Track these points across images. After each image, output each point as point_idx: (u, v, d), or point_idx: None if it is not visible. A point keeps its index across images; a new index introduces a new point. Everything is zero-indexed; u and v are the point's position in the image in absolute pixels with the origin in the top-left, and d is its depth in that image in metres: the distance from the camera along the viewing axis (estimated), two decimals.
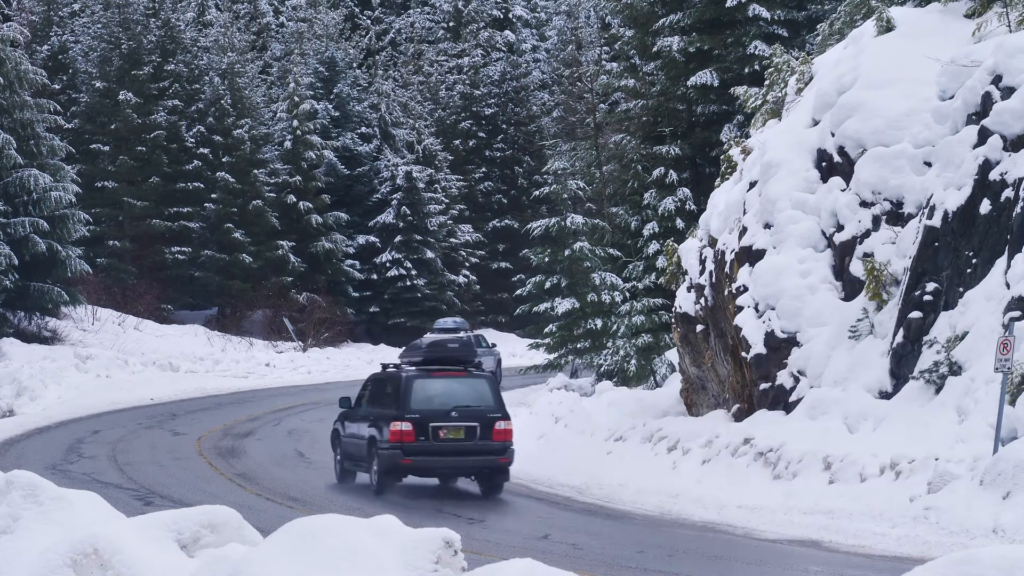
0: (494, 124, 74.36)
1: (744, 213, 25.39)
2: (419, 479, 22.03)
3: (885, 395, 20.84)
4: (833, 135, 24.15)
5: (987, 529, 16.15)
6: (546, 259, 37.60)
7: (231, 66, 62.34)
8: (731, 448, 22.08)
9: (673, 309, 28.45)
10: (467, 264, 67.69)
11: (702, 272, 26.84)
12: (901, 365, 20.81)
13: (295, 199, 61.47)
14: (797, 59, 28.67)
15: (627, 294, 36.05)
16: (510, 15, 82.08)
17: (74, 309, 49.28)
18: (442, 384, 21.37)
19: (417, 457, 20.81)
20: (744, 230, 25.08)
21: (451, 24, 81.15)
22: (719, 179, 28.82)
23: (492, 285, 69.56)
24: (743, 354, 24.03)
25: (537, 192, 43.30)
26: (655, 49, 39.00)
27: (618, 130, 42.15)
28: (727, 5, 37.25)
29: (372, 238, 64.29)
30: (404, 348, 24.28)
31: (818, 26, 32.78)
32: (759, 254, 24.39)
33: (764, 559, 16.07)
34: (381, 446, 20.96)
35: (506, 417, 21.20)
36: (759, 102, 29.32)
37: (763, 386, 23.48)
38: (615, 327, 34.41)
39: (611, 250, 37.62)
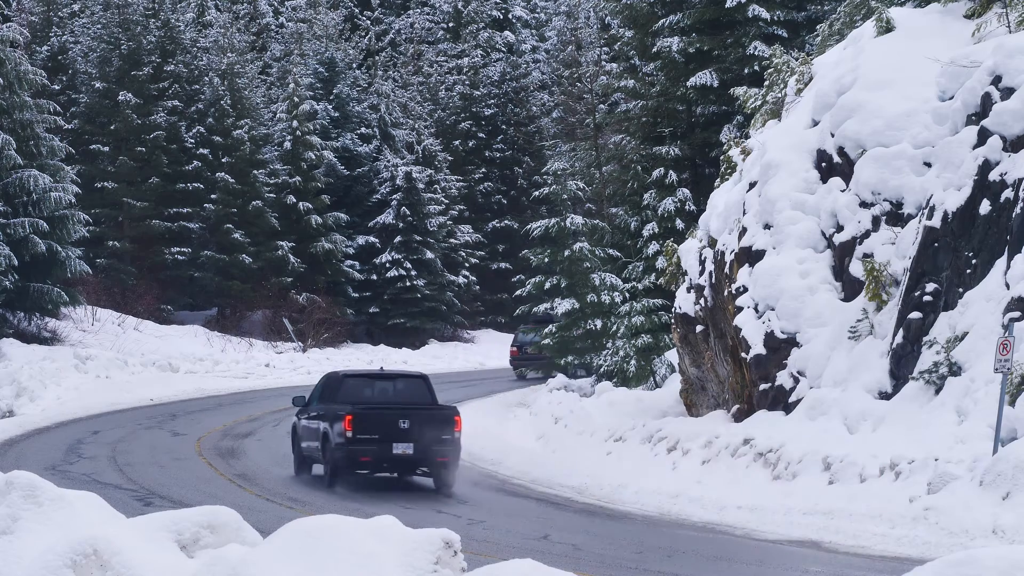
0: (494, 125, 74.31)
1: (744, 214, 25.38)
2: None
3: (885, 396, 20.84)
4: (833, 136, 24.14)
5: (987, 530, 16.14)
6: (546, 260, 37.57)
7: (231, 67, 62.24)
8: (731, 449, 22.07)
9: (673, 309, 28.43)
10: (467, 264, 67.63)
11: (702, 273, 26.84)
12: (901, 366, 20.80)
13: (295, 199, 61.36)
14: (797, 60, 28.66)
15: (627, 294, 36.01)
16: (510, 16, 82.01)
17: (74, 310, 49.21)
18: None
19: None
20: (744, 231, 25.07)
21: (451, 25, 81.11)
22: (719, 180, 28.80)
23: (492, 285, 69.52)
24: (743, 355, 24.03)
25: (537, 192, 43.25)
26: (655, 50, 38.98)
27: (618, 131, 42.12)
28: (727, 6, 37.21)
29: (372, 239, 64.21)
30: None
31: (818, 27, 32.75)
32: (759, 255, 24.38)
33: (764, 559, 16.06)
34: None
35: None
36: (759, 103, 29.31)
37: (763, 386, 23.47)
38: (615, 328, 34.38)
39: (611, 250, 37.59)
